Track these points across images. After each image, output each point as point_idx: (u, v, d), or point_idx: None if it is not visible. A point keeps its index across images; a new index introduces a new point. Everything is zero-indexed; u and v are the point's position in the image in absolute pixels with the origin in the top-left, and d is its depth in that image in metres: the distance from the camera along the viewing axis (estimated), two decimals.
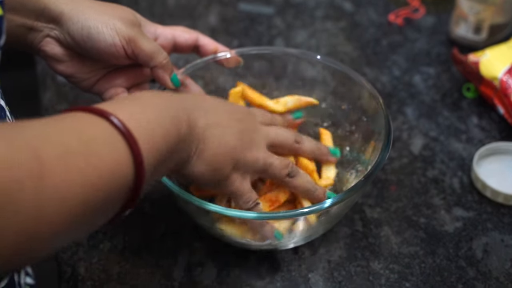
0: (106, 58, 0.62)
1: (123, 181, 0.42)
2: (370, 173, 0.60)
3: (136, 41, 0.61)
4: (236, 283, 0.64)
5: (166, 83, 0.64)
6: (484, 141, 0.79)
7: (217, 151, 0.55)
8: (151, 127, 0.46)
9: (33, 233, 0.36)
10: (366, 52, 0.95)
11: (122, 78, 0.66)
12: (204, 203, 0.57)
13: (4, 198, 0.34)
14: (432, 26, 1.00)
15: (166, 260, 0.66)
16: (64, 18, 0.61)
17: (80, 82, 0.65)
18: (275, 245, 0.63)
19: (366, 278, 0.64)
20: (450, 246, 0.67)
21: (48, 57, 0.64)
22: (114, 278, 0.64)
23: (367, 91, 0.69)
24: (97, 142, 0.41)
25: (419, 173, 0.75)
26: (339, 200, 0.58)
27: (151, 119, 0.47)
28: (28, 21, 0.61)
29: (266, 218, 0.59)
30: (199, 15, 1.03)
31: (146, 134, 0.45)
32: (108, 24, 0.60)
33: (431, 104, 0.85)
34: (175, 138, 0.49)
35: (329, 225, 0.65)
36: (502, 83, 0.80)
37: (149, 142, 0.45)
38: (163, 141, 0.47)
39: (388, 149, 0.62)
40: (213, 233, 0.64)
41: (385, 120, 0.64)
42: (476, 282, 0.63)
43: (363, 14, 1.03)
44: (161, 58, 0.63)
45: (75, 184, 0.38)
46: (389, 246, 0.67)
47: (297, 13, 1.03)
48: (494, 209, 0.71)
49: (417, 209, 0.71)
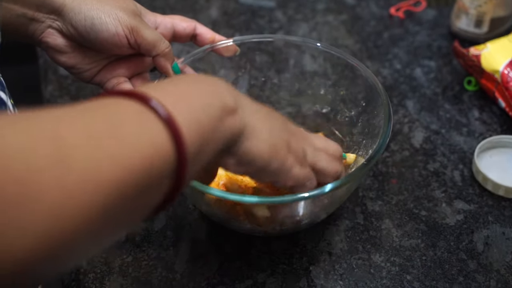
0: (108, 48, 0.62)
1: (162, 162, 0.37)
2: (373, 156, 0.59)
3: (138, 31, 0.61)
4: (237, 275, 0.64)
5: (168, 71, 0.65)
6: (485, 134, 0.79)
7: (273, 133, 0.49)
8: (187, 100, 0.42)
9: (57, 228, 0.31)
10: (367, 45, 0.95)
11: (123, 68, 0.67)
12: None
13: (25, 189, 0.30)
14: (433, 19, 1.00)
15: (168, 252, 0.66)
16: (66, 9, 0.61)
17: (81, 73, 0.66)
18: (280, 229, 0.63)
19: (367, 270, 0.64)
20: (451, 239, 0.67)
21: (49, 49, 0.64)
22: (116, 271, 0.64)
23: (366, 77, 0.69)
24: (126, 121, 0.37)
25: (420, 166, 0.75)
26: (343, 183, 0.57)
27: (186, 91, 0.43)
28: (29, 12, 0.61)
29: (272, 201, 0.57)
30: (201, 8, 1.03)
31: (183, 107, 0.40)
32: (111, 14, 0.61)
33: (432, 97, 0.85)
34: (220, 109, 0.44)
35: (331, 208, 0.64)
36: (503, 76, 0.80)
37: (187, 114, 0.40)
38: (204, 114, 0.42)
39: (388, 131, 0.61)
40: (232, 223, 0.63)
41: (384, 103, 0.64)
42: (477, 275, 0.64)
43: (364, 7, 1.03)
44: (164, 46, 0.63)
45: (104, 167, 0.34)
46: (390, 239, 0.67)
47: (298, 6, 1.03)
48: (495, 202, 0.71)
49: (418, 202, 0.71)
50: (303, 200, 0.58)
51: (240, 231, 0.65)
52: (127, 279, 0.64)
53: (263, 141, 0.48)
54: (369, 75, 0.68)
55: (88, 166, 0.33)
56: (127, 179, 0.35)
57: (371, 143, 0.65)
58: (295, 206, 0.60)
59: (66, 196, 0.31)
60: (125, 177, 0.35)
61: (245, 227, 0.63)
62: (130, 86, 0.66)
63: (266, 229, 0.63)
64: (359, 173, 0.59)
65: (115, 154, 0.35)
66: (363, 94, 0.70)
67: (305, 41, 0.75)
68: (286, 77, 0.77)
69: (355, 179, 0.60)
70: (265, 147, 0.48)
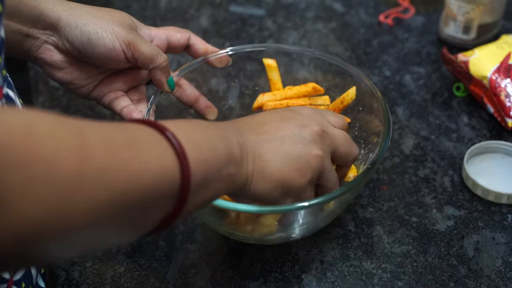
0: (105, 62, 0.62)
1: (167, 183, 0.41)
2: (375, 160, 0.60)
3: (135, 45, 0.61)
4: (230, 285, 0.64)
5: (163, 85, 0.65)
6: (474, 139, 0.80)
7: (280, 165, 0.52)
8: (198, 139, 0.46)
9: (68, 211, 0.35)
10: (357, 52, 0.96)
11: (120, 82, 0.67)
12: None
13: (47, 164, 0.34)
14: (422, 26, 1.00)
15: (160, 262, 0.66)
16: (61, 24, 0.60)
17: (78, 89, 0.65)
18: (286, 237, 0.63)
19: (359, 277, 0.65)
20: (441, 245, 0.68)
21: (46, 65, 0.63)
22: (108, 282, 0.64)
23: (362, 82, 0.69)
24: (143, 140, 0.41)
25: (411, 172, 0.76)
26: (348, 189, 0.57)
27: (198, 132, 0.47)
28: (24, 28, 0.60)
29: (277, 211, 0.57)
30: (191, 17, 1.04)
31: (193, 143, 0.44)
32: (107, 29, 0.60)
33: (422, 104, 0.86)
34: (225, 156, 0.47)
35: (335, 214, 0.65)
36: (491, 82, 0.81)
37: (196, 150, 0.44)
38: (211, 154, 0.46)
39: (389, 135, 0.62)
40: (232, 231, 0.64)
41: (383, 107, 0.65)
42: (468, 280, 0.64)
43: (354, 14, 1.04)
44: (161, 60, 0.63)
45: (117, 171, 0.38)
46: (381, 246, 0.68)
47: (288, 14, 1.04)
48: (485, 207, 0.72)
49: (409, 208, 0.72)
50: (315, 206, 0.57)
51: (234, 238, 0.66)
52: None
53: (273, 182, 0.52)
54: (364, 81, 0.69)
55: (102, 165, 0.37)
56: (134, 188, 0.39)
57: (369, 149, 0.66)
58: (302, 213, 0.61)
59: (78, 183, 0.35)
60: (133, 186, 0.39)
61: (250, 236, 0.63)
62: (128, 100, 0.66)
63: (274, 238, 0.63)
64: (365, 178, 0.59)
65: (128, 163, 0.39)
66: (358, 100, 0.70)
67: (304, 49, 0.76)
68: None
69: (360, 185, 0.60)
70: (276, 187, 0.52)
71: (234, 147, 0.49)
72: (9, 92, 0.54)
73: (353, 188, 0.58)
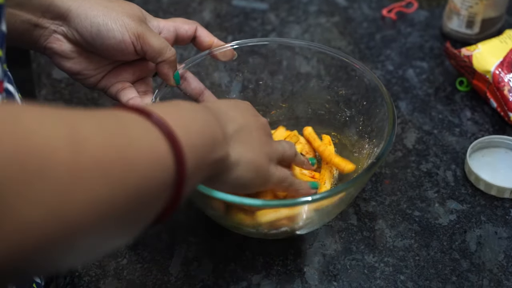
0: (114, 54, 0.62)
1: (162, 169, 0.40)
2: (381, 154, 0.60)
3: (144, 37, 0.61)
4: (232, 278, 0.64)
5: (169, 79, 0.65)
6: (477, 134, 0.80)
7: (255, 152, 0.54)
8: (186, 122, 0.45)
9: (69, 211, 0.33)
10: (360, 46, 0.95)
11: (127, 73, 0.66)
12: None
13: (42, 160, 0.32)
14: (425, 21, 1.00)
15: (162, 255, 0.66)
16: (71, 15, 0.60)
17: (86, 79, 0.65)
18: (291, 232, 0.63)
19: (361, 271, 0.65)
20: (444, 239, 0.68)
21: (55, 54, 0.63)
22: (110, 274, 0.64)
23: (366, 76, 0.69)
24: (133, 127, 0.40)
25: (413, 166, 0.76)
26: (354, 182, 0.58)
27: (185, 115, 0.46)
28: (33, 17, 0.60)
29: (273, 206, 0.58)
30: (193, 11, 1.03)
31: (183, 127, 0.43)
32: (117, 20, 0.60)
33: (425, 98, 0.86)
34: (211, 140, 0.48)
35: (340, 208, 0.65)
36: (494, 76, 0.81)
37: (186, 134, 0.43)
38: (199, 138, 0.46)
39: (394, 130, 0.62)
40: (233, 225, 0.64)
41: (387, 102, 0.65)
42: (470, 274, 0.64)
43: (357, 9, 1.03)
44: (170, 54, 0.63)
45: (114, 159, 0.36)
46: (383, 240, 0.68)
47: (290, 8, 1.04)
48: (488, 201, 0.72)
49: (411, 202, 0.72)
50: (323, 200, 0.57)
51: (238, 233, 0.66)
52: (122, 282, 0.64)
53: (251, 170, 0.53)
54: (369, 75, 0.69)
55: (98, 154, 0.35)
56: (133, 176, 0.37)
57: (373, 143, 0.66)
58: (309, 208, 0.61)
59: (73, 177, 0.33)
60: (131, 174, 0.37)
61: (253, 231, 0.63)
62: (134, 91, 0.66)
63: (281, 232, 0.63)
64: (370, 172, 0.59)
65: (124, 151, 0.37)
66: (362, 94, 0.70)
67: (307, 43, 0.75)
68: (279, 79, 0.77)
69: (364, 179, 0.60)
70: (253, 173, 0.53)
71: (218, 133, 0.49)
72: (9, 86, 0.54)
73: (359, 183, 0.58)
